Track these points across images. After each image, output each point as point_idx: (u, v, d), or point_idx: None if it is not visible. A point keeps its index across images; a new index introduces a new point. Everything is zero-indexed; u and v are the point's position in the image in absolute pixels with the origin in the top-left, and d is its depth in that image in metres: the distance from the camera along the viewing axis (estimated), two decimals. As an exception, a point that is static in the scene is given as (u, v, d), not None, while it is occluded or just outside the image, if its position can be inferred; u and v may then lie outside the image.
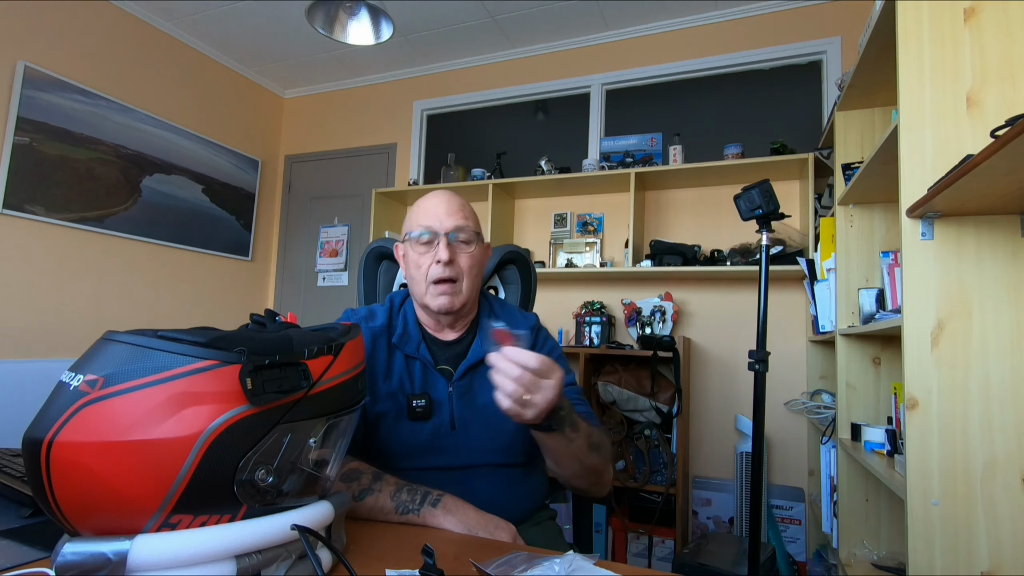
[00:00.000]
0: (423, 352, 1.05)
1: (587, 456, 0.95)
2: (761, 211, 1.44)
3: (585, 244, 3.05)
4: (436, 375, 1.04)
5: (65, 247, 2.80)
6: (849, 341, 1.83)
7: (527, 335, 1.07)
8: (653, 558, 2.46)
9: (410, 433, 1.01)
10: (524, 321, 1.15)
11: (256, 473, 0.56)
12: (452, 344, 1.09)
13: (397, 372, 1.03)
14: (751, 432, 1.56)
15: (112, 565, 0.50)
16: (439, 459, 1.01)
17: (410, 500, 0.86)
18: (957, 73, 1.17)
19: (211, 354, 0.54)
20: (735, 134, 2.83)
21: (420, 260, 1.03)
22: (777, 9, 2.85)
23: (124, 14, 3.08)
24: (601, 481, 1.02)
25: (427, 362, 1.04)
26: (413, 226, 1.05)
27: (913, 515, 1.13)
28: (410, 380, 1.04)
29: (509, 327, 0.93)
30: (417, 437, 1.01)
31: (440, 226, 1.02)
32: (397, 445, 1.01)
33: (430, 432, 1.01)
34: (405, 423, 1.01)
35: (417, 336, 1.07)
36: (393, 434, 1.01)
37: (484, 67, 3.53)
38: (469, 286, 1.04)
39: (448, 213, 1.02)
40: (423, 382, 1.04)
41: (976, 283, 1.14)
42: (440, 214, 1.02)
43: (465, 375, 1.05)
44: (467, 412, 1.03)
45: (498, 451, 1.02)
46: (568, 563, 0.64)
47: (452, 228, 1.02)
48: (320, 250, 3.81)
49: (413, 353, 1.04)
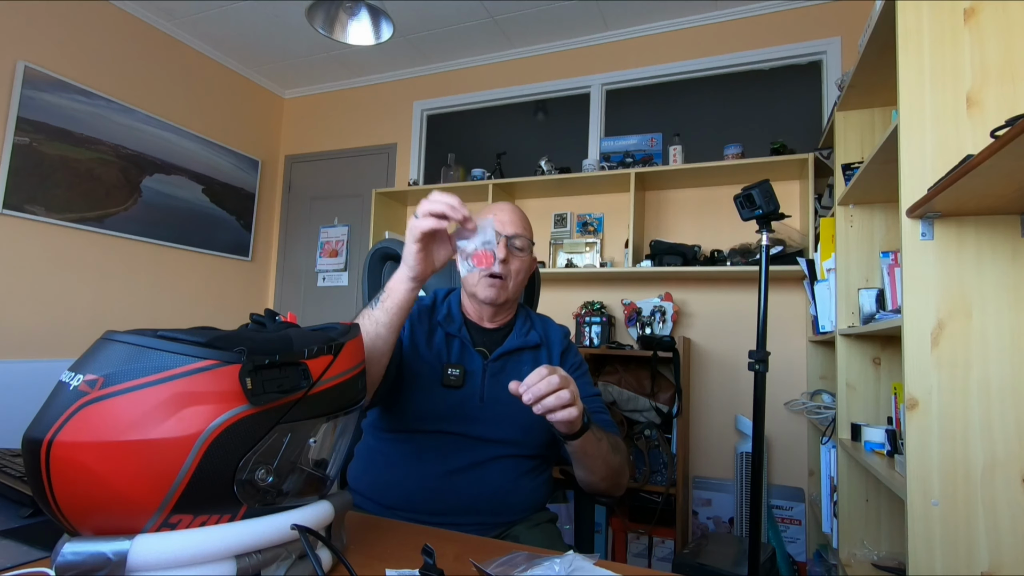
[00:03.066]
0: (464, 333, 1.16)
1: (611, 457, 1.04)
2: (761, 211, 1.43)
3: (585, 244, 3.05)
4: (473, 352, 1.15)
5: (65, 247, 2.80)
6: (849, 341, 1.83)
7: None
8: (653, 558, 2.46)
9: (441, 399, 1.09)
10: (558, 327, 1.28)
11: (256, 473, 0.56)
12: (490, 332, 1.20)
13: (437, 343, 1.14)
14: (751, 432, 1.56)
15: (112, 565, 0.50)
16: (463, 427, 1.09)
17: (372, 303, 0.93)
18: (957, 73, 1.17)
19: (211, 354, 0.54)
20: (735, 134, 2.83)
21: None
22: (777, 9, 2.85)
23: (124, 14, 3.08)
24: (621, 481, 1.11)
25: (466, 341, 1.16)
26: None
27: (913, 515, 1.13)
28: (448, 352, 1.14)
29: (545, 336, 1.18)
30: (447, 403, 1.09)
31: (503, 230, 1.14)
32: (427, 407, 1.09)
33: (459, 400, 1.10)
34: (438, 388, 1.10)
35: (460, 319, 1.19)
36: (424, 396, 1.09)
37: (484, 67, 3.53)
38: (514, 286, 1.17)
39: (512, 222, 1.16)
40: (460, 356, 1.15)
41: (976, 283, 1.14)
42: (506, 221, 1.15)
43: (500, 359, 1.16)
44: (497, 390, 1.12)
45: (519, 432, 1.11)
46: (568, 563, 0.64)
47: (512, 234, 1.15)
48: (320, 250, 3.81)
49: (454, 332, 1.16)
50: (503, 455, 1.10)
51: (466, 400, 1.10)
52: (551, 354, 1.23)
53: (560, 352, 1.23)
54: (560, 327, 1.29)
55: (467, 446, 1.08)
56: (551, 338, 1.25)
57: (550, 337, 1.25)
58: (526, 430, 1.11)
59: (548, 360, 1.22)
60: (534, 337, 1.21)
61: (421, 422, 1.09)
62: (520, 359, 1.18)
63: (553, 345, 1.23)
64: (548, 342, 1.23)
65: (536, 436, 1.14)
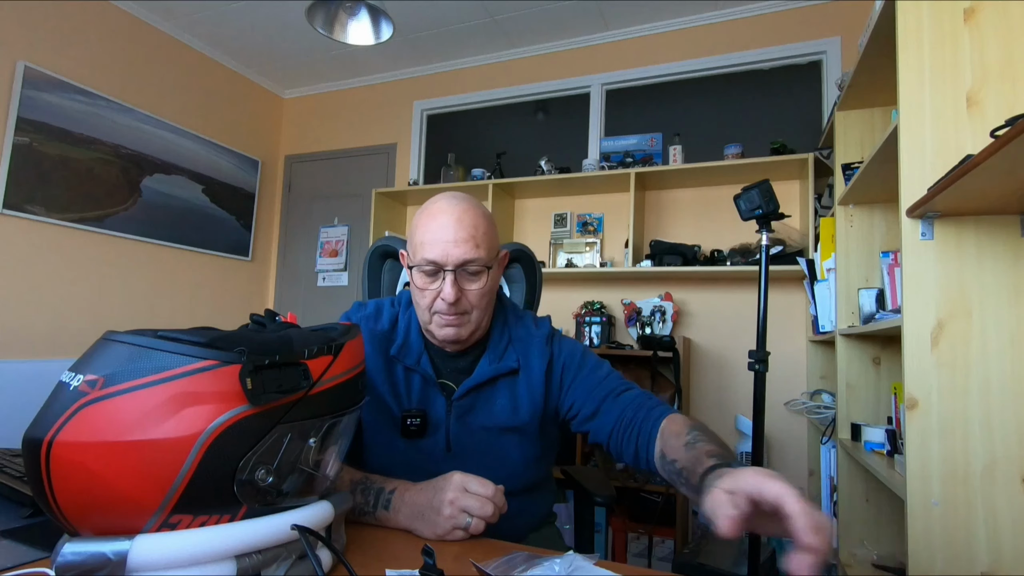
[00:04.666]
0: (424, 365, 0.96)
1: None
2: (761, 211, 1.44)
3: (585, 244, 3.05)
4: (436, 391, 0.96)
5: (65, 247, 2.80)
6: (849, 341, 1.83)
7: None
8: (653, 558, 2.46)
9: (402, 450, 0.94)
10: (538, 330, 1.03)
11: (256, 473, 0.56)
12: (457, 357, 0.99)
13: (396, 380, 0.96)
14: (751, 432, 1.56)
15: (112, 565, 0.50)
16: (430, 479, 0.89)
17: (364, 502, 0.81)
18: (957, 73, 1.17)
19: (211, 354, 0.54)
20: (735, 134, 2.83)
21: (424, 291, 0.91)
22: (777, 9, 2.85)
23: (124, 14, 3.08)
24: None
25: (428, 376, 0.96)
26: (416, 254, 0.90)
27: (913, 515, 1.13)
28: (407, 393, 0.95)
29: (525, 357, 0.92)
30: (409, 455, 0.94)
31: (446, 258, 0.88)
32: (386, 459, 0.95)
33: (424, 452, 0.94)
34: (398, 439, 0.94)
35: (419, 347, 0.97)
36: (384, 449, 0.95)
37: (484, 67, 3.53)
38: (479, 316, 0.94)
39: (456, 241, 0.87)
40: (421, 397, 0.96)
41: (976, 283, 1.14)
42: (447, 242, 0.87)
43: (467, 394, 0.95)
44: (465, 436, 0.95)
45: (498, 480, 0.84)
46: (568, 563, 0.64)
47: (460, 261, 0.88)
48: (320, 250, 3.81)
49: (412, 365, 0.96)
50: None
51: (431, 451, 0.94)
52: (531, 381, 0.98)
53: (543, 371, 0.98)
54: (541, 331, 1.03)
55: None
56: (531, 358, 0.99)
57: (530, 357, 0.99)
58: (508, 474, 0.90)
59: (527, 390, 0.97)
60: (511, 360, 0.97)
61: (385, 472, 0.89)
62: (494, 391, 0.96)
63: (534, 367, 0.98)
64: (528, 364, 0.98)
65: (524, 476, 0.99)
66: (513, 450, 0.98)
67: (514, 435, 0.98)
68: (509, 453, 0.97)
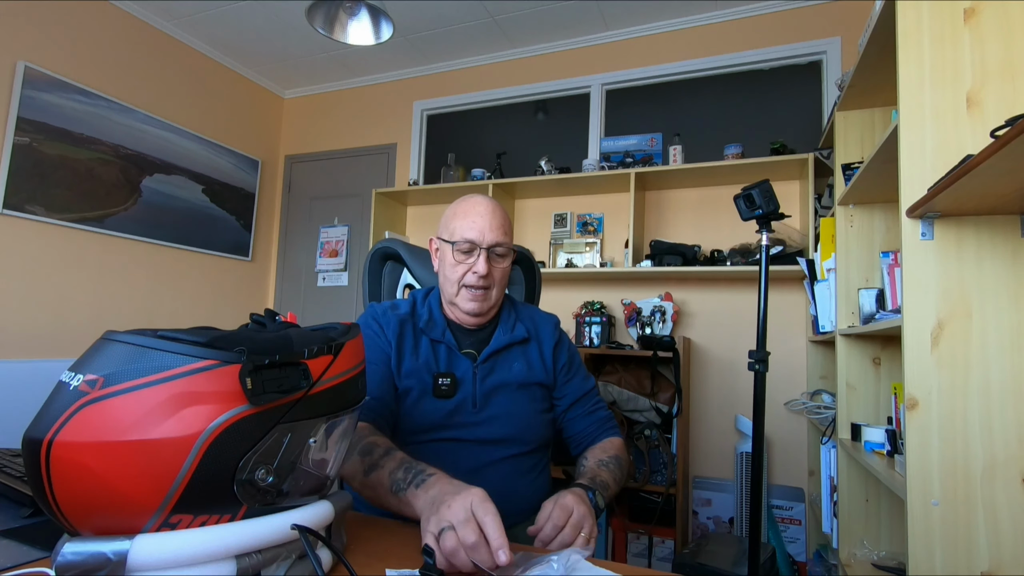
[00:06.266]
0: (448, 337, 1.13)
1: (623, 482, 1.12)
2: (761, 211, 1.43)
3: (585, 244, 3.05)
4: (461, 357, 1.12)
5: (65, 247, 2.80)
6: (849, 341, 1.83)
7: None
8: (653, 558, 2.46)
9: (434, 409, 1.08)
10: (546, 315, 1.26)
11: (256, 473, 0.56)
12: (475, 331, 1.17)
13: (423, 353, 1.11)
14: (751, 432, 1.56)
15: (112, 565, 0.50)
16: (459, 433, 1.08)
17: (403, 479, 0.84)
18: (957, 73, 1.17)
19: (211, 354, 0.54)
20: (735, 134, 2.83)
21: (457, 265, 1.11)
22: (777, 9, 2.85)
23: (124, 14, 3.08)
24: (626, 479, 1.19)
25: (452, 346, 1.13)
26: (456, 234, 1.10)
27: (913, 515, 1.13)
28: (435, 361, 1.11)
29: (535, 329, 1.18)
30: (441, 413, 1.08)
31: (483, 240, 1.09)
32: (421, 420, 1.08)
33: (453, 408, 1.08)
34: (430, 399, 1.08)
35: (442, 323, 1.15)
36: (417, 409, 1.08)
37: (484, 67, 3.53)
38: (498, 293, 1.14)
39: (491, 228, 1.10)
40: (448, 363, 1.12)
41: (976, 283, 1.14)
42: (484, 228, 1.09)
43: (488, 359, 1.13)
44: (489, 392, 1.11)
45: (516, 428, 1.11)
46: (567, 562, 0.64)
47: (493, 243, 1.10)
48: (320, 250, 3.81)
49: (439, 337, 1.13)
50: (501, 457, 1.10)
51: (460, 407, 1.09)
52: (542, 349, 1.19)
53: (552, 346, 1.20)
54: (549, 316, 1.26)
55: (464, 451, 1.08)
56: (541, 332, 1.21)
57: (540, 331, 1.21)
58: (524, 426, 1.12)
59: (539, 355, 1.19)
60: (521, 331, 1.18)
61: (416, 434, 1.07)
62: (510, 356, 1.16)
63: (544, 340, 1.20)
64: (538, 336, 1.20)
65: (534, 431, 1.15)
66: (527, 404, 1.15)
67: (528, 390, 1.16)
68: (524, 406, 1.15)
